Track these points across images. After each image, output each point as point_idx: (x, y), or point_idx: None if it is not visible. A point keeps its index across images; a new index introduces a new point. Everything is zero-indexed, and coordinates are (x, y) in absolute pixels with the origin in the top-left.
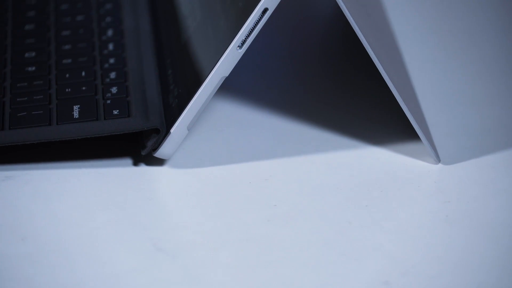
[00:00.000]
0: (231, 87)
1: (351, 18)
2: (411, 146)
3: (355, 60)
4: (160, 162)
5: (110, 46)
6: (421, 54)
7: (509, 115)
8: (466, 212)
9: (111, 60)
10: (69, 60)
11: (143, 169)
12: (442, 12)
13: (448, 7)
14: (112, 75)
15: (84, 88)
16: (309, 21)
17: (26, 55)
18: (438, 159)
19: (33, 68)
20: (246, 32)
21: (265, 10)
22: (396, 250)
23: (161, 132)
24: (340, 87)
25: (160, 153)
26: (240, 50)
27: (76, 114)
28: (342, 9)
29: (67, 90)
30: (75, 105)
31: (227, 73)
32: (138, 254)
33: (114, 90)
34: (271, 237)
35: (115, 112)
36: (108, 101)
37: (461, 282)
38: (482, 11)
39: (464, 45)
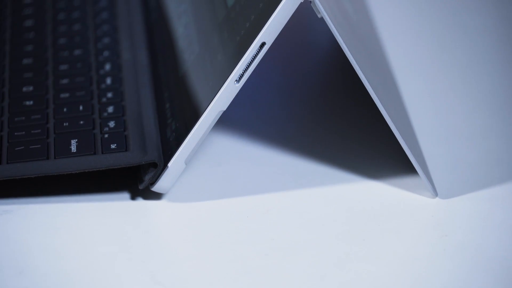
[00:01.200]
0: (228, 121)
1: (348, 52)
2: (408, 179)
3: (352, 93)
4: (157, 196)
5: (108, 80)
6: (418, 87)
7: (506, 149)
8: (464, 245)
9: (109, 94)
10: (67, 94)
11: (140, 203)
12: (440, 45)
13: (445, 40)
14: (110, 109)
15: (81, 122)
16: (307, 54)
17: (24, 89)
18: (435, 193)
19: (31, 102)
20: (244, 66)
21: (263, 44)
22: (394, 283)
23: (159, 166)
24: (337, 121)
25: (157, 187)
26: (237, 84)
27: (73, 148)
28: (339, 42)
29: (64, 124)
30: (73, 139)
31: (224, 107)
32: (136, 287)
33: (111, 124)
34: (270, 271)
35: (113, 146)
36: (106, 135)
37: None
38: (479, 45)
39: (461, 78)
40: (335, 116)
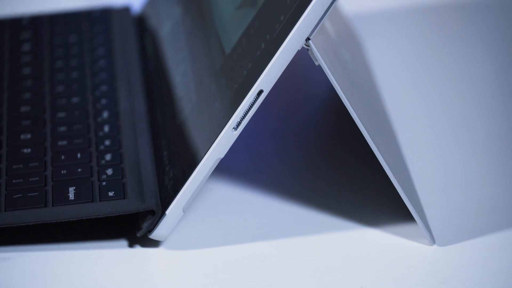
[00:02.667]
0: (226, 168)
1: (346, 99)
2: (406, 227)
3: (350, 141)
4: (155, 243)
5: (106, 128)
6: (415, 135)
7: (503, 197)
8: None
9: (107, 142)
10: (65, 142)
11: (138, 250)
12: (438, 93)
13: (443, 88)
14: (108, 157)
15: (79, 170)
16: (304, 102)
17: (22, 136)
18: (432, 241)
19: (29, 150)
20: (241, 114)
21: (260, 92)
22: None
23: (157, 214)
24: (335, 168)
25: (155, 234)
26: (235, 132)
27: (71, 195)
28: (336, 90)
29: (62, 172)
30: (71, 186)
31: (222, 155)
32: None
33: (109, 172)
34: None
35: (111, 193)
36: (104, 183)
37: None
38: (476, 92)
39: (459, 127)
40: (332, 164)
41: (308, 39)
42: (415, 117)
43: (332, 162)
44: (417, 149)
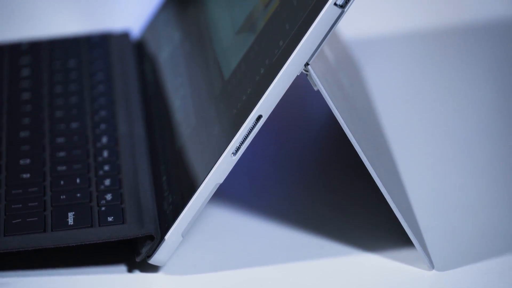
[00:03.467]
0: (225, 194)
1: (345, 124)
2: (405, 252)
3: (349, 166)
4: (154, 268)
5: (105, 153)
6: (414, 159)
7: (502, 222)
8: None
9: (106, 167)
10: (64, 167)
11: (137, 275)
12: (436, 118)
13: (442, 114)
14: (107, 182)
15: (78, 195)
16: (303, 127)
17: (21, 162)
18: (431, 265)
19: (28, 175)
20: (241, 139)
21: (259, 117)
22: None
23: (156, 239)
24: (333, 193)
25: (154, 259)
26: (234, 157)
27: (70, 221)
28: (335, 115)
29: (61, 197)
30: (70, 212)
31: (221, 180)
32: None
33: (108, 197)
34: None
35: (110, 219)
36: (103, 208)
37: None
38: (475, 117)
39: (457, 151)
40: (331, 189)
41: (307, 64)
42: (414, 142)
43: (330, 187)
44: (416, 173)
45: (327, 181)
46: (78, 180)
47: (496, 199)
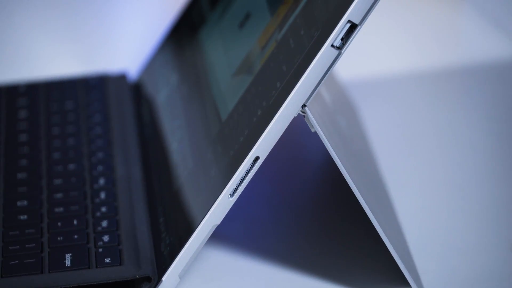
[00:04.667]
0: (222, 235)
1: (342, 166)
2: None
3: (346, 208)
4: None
5: (102, 195)
6: (412, 202)
7: (499, 264)
8: None
9: (103, 209)
10: (61, 209)
11: None
12: (433, 161)
13: (439, 157)
14: (104, 223)
15: (76, 236)
16: (300, 168)
17: (18, 203)
18: None
19: (25, 217)
20: (238, 181)
21: (257, 158)
22: None
23: (153, 281)
24: (331, 235)
25: None
26: (231, 198)
27: (68, 262)
28: (333, 157)
29: (59, 238)
30: (67, 253)
31: (218, 221)
32: None
33: (106, 238)
34: None
35: (107, 260)
36: (100, 250)
37: None
38: (472, 161)
39: (455, 194)
40: (328, 230)
41: (304, 106)
42: (411, 184)
43: (327, 229)
44: (414, 215)
45: (324, 223)
46: (75, 222)
47: (493, 242)
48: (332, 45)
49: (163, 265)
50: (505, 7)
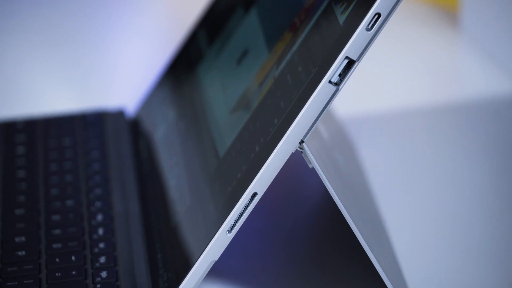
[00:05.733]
0: (220, 271)
1: (340, 202)
2: None
3: (344, 244)
4: None
5: (100, 231)
6: (410, 239)
7: None
8: None
9: (101, 245)
10: (59, 245)
11: None
12: (431, 198)
13: (437, 194)
14: (102, 259)
15: (74, 272)
16: (298, 204)
17: (17, 239)
18: None
19: (23, 253)
20: (235, 217)
21: (254, 194)
22: None
23: None
24: (329, 271)
25: None
26: (229, 235)
27: None
28: (330, 193)
29: (57, 274)
30: None
31: (216, 257)
32: None
33: (104, 274)
34: None
35: None
36: (98, 286)
37: None
38: (471, 196)
39: (453, 231)
40: (325, 267)
41: (301, 142)
42: (409, 220)
43: (325, 265)
44: (411, 252)
45: (322, 259)
46: (73, 258)
47: (491, 280)
48: (329, 81)
49: None
50: (502, 42)
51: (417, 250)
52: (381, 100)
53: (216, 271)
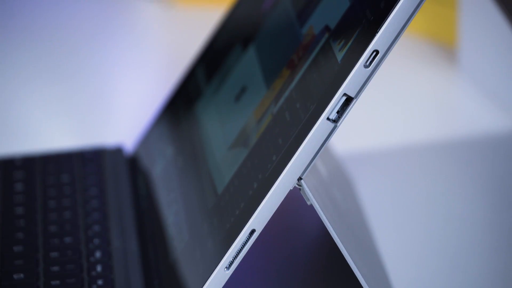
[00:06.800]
0: None
1: (338, 239)
2: None
3: (342, 281)
4: None
5: (98, 268)
6: (408, 275)
7: None
8: None
9: (99, 282)
10: (58, 282)
11: None
12: (430, 233)
13: (435, 228)
14: None
15: None
16: (296, 241)
17: (15, 276)
18: None
19: None
20: (234, 254)
21: (253, 231)
22: None
23: None
24: None
25: None
26: (227, 271)
27: None
28: (328, 230)
29: None
30: None
31: None
32: None
33: None
34: None
35: None
36: None
37: None
38: (469, 232)
39: (452, 265)
40: None
41: (300, 178)
42: (407, 257)
43: None
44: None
45: None
46: None
47: None
48: (328, 118)
49: None
50: (500, 79)
51: (415, 286)
52: (379, 137)
53: None
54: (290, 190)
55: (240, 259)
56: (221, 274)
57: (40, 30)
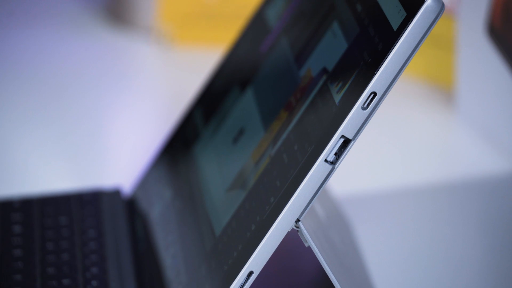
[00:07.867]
0: None
1: (336, 281)
2: None
3: None
4: None
5: None
6: None
7: None
8: None
9: None
10: None
11: None
12: (429, 275)
13: (434, 270)
14: None
15: None
16: (294, 283)
17: None
18: None
19: None
20: None
21: (250, 273)
22: None
23: None
24: None
25: None
26: None
27: None
28: (326, 271)
29: None
30: None
31: None
32: None
33: None
34: None
35: None
36: None
37: None
38: (468, 274)
39: None
40: None
41: (298, 220)
42: None
43: None
44: None
45: None
46: None
47: None
48: (325, 160)
49: None
50: (498, 121)
51: None
52: (377, 179)
53: None
54: (288, 232)
55: None
56: None
57: (38, 71)
